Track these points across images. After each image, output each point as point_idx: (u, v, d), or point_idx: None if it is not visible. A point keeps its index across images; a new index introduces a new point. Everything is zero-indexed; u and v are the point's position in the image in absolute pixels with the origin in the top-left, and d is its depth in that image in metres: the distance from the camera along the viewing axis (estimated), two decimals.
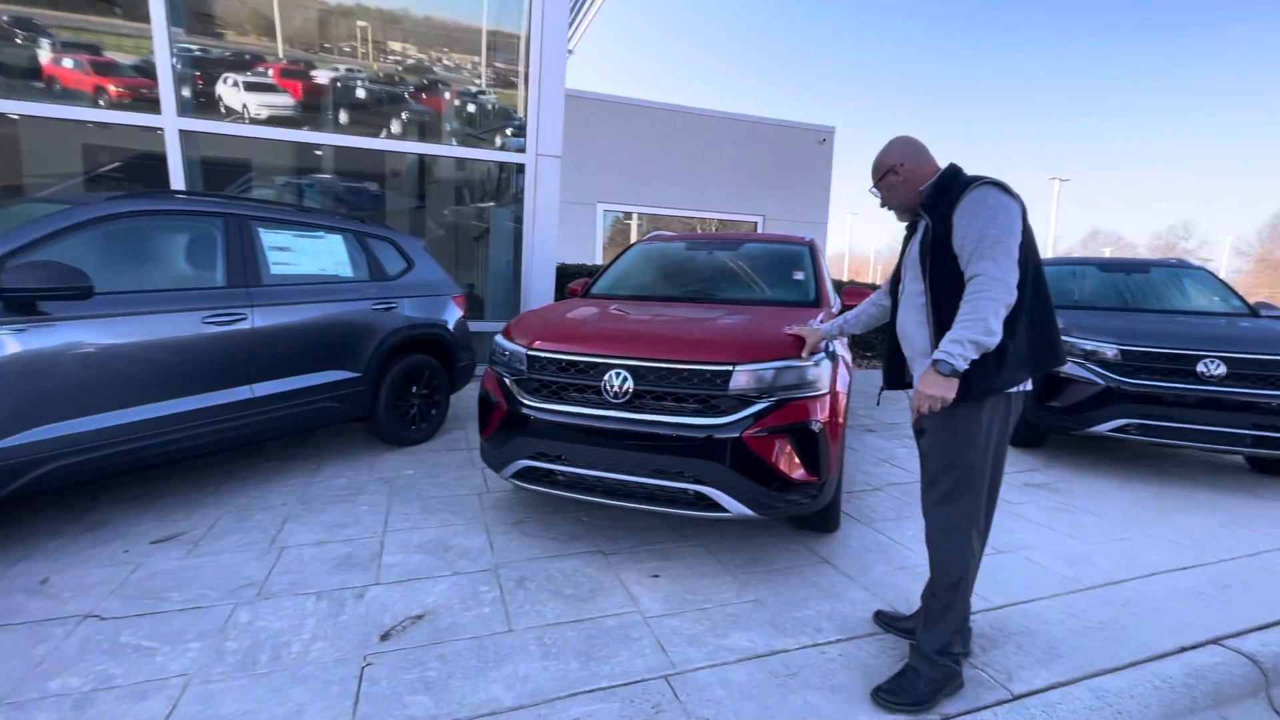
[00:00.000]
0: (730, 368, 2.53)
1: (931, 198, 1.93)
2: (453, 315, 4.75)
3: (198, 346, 3.07)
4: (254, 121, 6.19)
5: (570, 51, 12.12)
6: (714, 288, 3.89)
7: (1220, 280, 5.43)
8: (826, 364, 2.66)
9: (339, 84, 6.72)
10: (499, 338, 3.10)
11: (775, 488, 2.50)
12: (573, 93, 12.55)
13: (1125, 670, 2.06)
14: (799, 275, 3.85)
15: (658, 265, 4.27)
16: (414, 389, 4.42)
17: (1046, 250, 31.61)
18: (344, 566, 2.57)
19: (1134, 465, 4.55)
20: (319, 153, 7.25)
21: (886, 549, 2.94)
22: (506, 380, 2.90)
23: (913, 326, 1.98)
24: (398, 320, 4.20)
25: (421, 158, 7.83)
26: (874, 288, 3.11)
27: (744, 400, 2.52)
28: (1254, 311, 4.92)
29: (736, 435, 2.46)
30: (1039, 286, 1.87)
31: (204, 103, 6.04)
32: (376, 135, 6.90)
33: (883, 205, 2.12)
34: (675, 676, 1.94)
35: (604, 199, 13.33)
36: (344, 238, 4.10)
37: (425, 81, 7.32)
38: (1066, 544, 3.08)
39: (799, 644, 2.14)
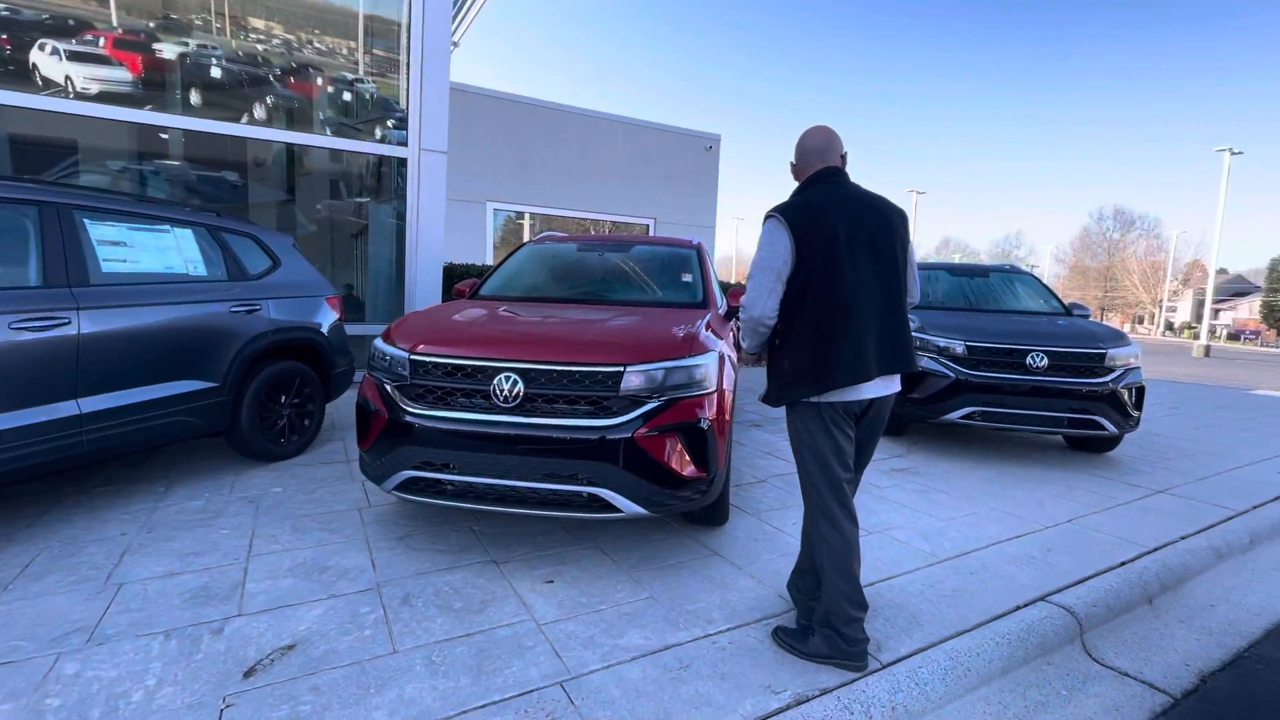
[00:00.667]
0: (621, 369, 2.55)
1: None
2: (327, 318, 4.41)
3: (2, 356, 2.62)
4: (80, 97, 5.40)
5: (455, 44, 11.69)
6: (605, 289, 3.91)
7: (1043, 284, 6.26)
8: (714, 363, 2.75)
9: (189, 60, 6.02)
10: (378, 341, 2.93)
11: (667, 485, 2.55)
12: (461, 87, 12.12)
13: (973, 631, 2.31)
14: (687, 277, 3.96)
15: (548, 266, 4.22)
16: (283, 398, 4.06)
17: None
18: (198, 599, 2.30)
19: (980, 448, 5.13)
20: (165, 136, 6.46)
21: (772, 538, 3.09)
22: (387, 387, 2.74)
23: None
24: (261, 324, 3.84)
25: (290, 147, 7.21)
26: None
27: (635, 400, 2.55)
28: (1068, 311, 5.71)
29: (629, 435, 2.48)
30: (821, 310, 2.00)
31: (13, 72, 5.19)
32: (236, 120, 6.26)
33: None
34: (571, 681, 1.92)
35: (494, 198, 12.98)
36: (195, 232, 3.68)
37: (293, 65, 6.75)
38: (925, 521, 3.41)
39: (691, 636, 2.20)
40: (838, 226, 2.02)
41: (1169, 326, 52.06)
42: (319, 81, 7.01)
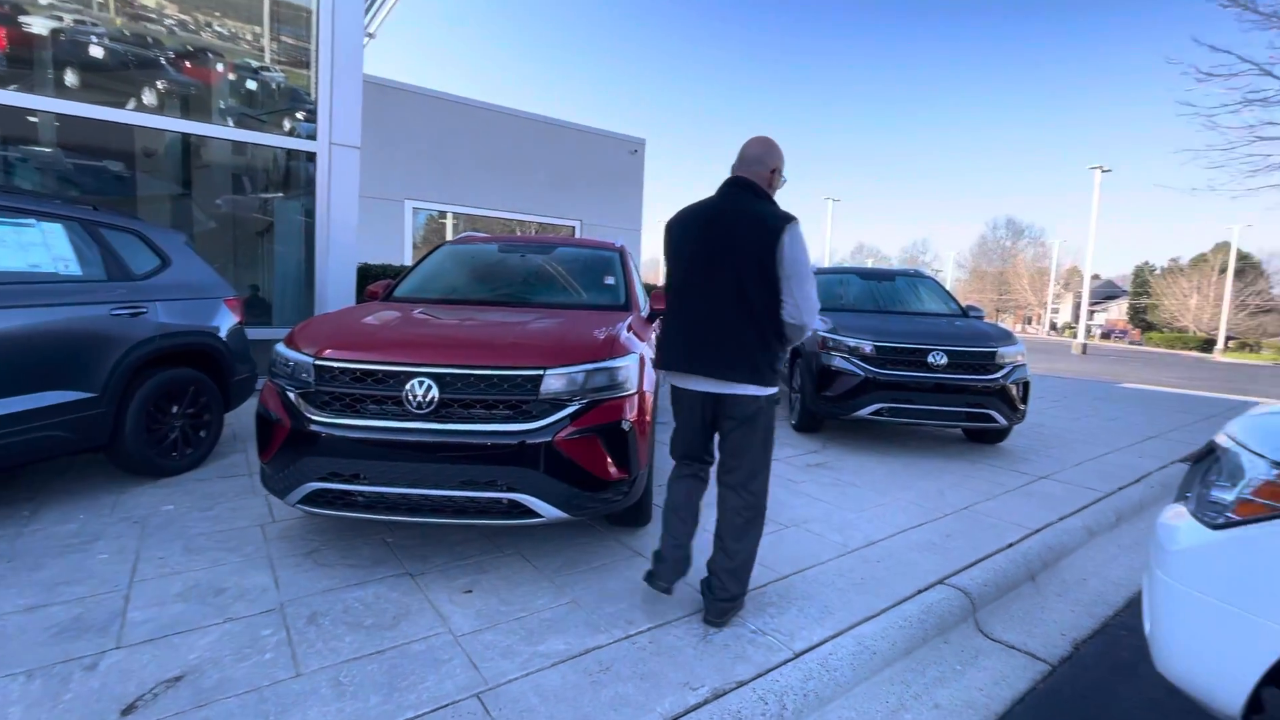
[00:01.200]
0: (541, 372, 2.53)
1: None
2: (225, 321, 4.12)
3: None
4: None
5: (371, 35, 11.20)
6: (526, 291, 3.86)
7: (942, 287, 6.72)
8: (635, 364, 2.78)
9: (64, 37, 5.46)
10: (280, 347, 2.76)
11: (589, 488, 2.55)
12: (377, 81, 11.63)
13: (879, 616, 2.45)
14: (610, 280, 3.98)
15: (468, 267, 4.12)
16: (175, 409, 3.74)
17: (823, 260, 36.54)
18: (69, 633, 2.08)
19: (889, 442, 5.44)
20: (34, 120, 5.82)
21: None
22: (290, 394, 2.59)
23: None
24: (147, 328, 3.53)
25: (185, 138, 6.67)
26: None
27: (556, 404, 2.53)
28: (964, 312, 6.15)
29: (549, 439, 2.46)
30: (669, 302, 2.42)
31: None
32: (121, 106, 5.73)
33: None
34: (488, 692, 1.88)
35: (414, 196, 12.54)
36: (66, 227, 3.33)
37: (190, 48, 6.25)
38: (838, 514, 3.58)
39: (612, 638, 2.20)
40: (692, 232, 2.32)
41: (1053, 326, 57.12)
42: (219, 68, 6.53)
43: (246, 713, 1.74)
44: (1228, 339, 37.43)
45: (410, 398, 2.46)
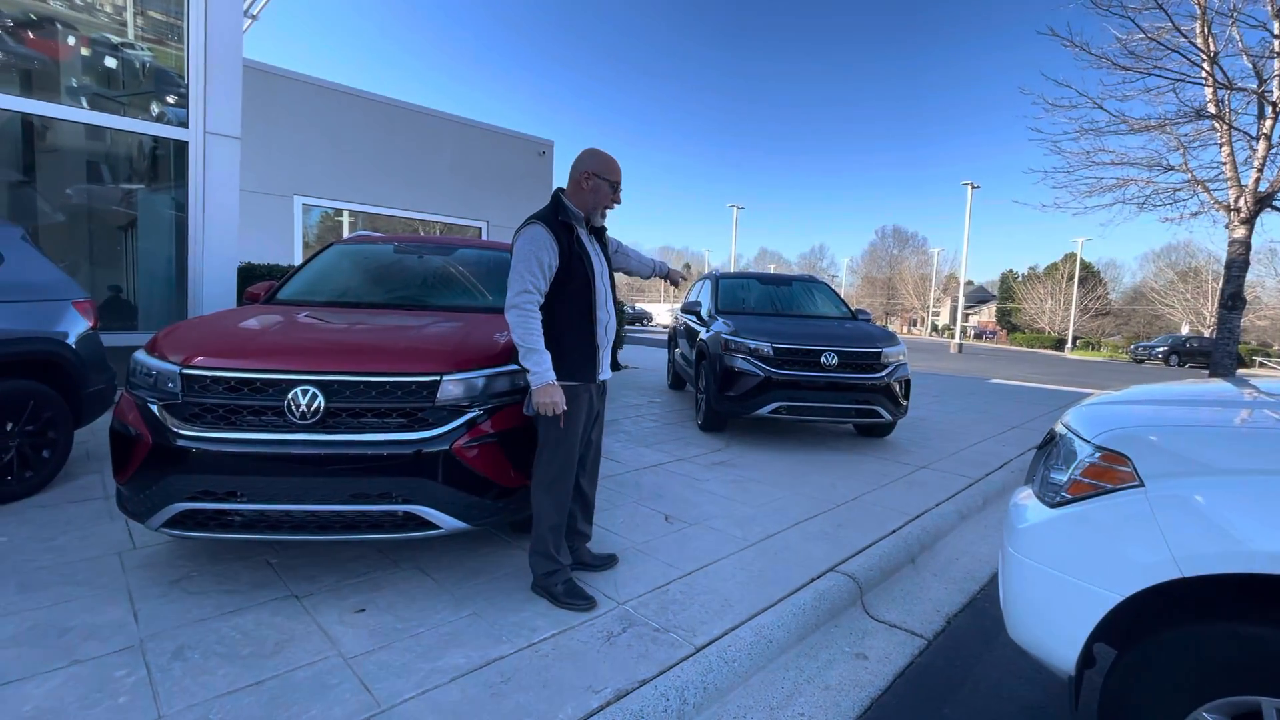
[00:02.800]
0: (438, 378, 2.45)
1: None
2: (75, 326, 3.67)
3: None
4: None
5: (253, 16, 10.37)
6: (424, 294, 3.72)
7: (834, 291, 7.16)
8: None
9: None
10: (140, 355, 2.50)
11: (490, 496, 2.50)
12: (263, 67, 10.80)
13: (776, 606, 2.57)
14: None
15: (361, 268, 3.91)
16: (9, 426, 3.29)
17: (729, 265, 37.86)
18: None
19: (786, 438, 5.71)
20: None
21: (599, 538, 3.16)
22: (153, 407, 2.35)
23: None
24: None
25: (25, 118, 5.88)
26: None
27: (455, 410, 2.46)
28: (854, 315, 6.58)
29: (447, 448, 2.39)
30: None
31: None
32: None
33: (596, 209, 2.61)
34: (380, 714, 1.79)
35: (304, 191, 11.73)
36: None
37: (32, 16, 5.52)
38: (739, 509, 3.71)
39: (515, 648, 2.17)
40: None
41: (934, 328, 62.32)
42: (70, 41, 5.81)
43: None
44: (1075, 338, 42.54)
45: (293, 407, 2.30)
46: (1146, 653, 1.51)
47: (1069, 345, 40.41)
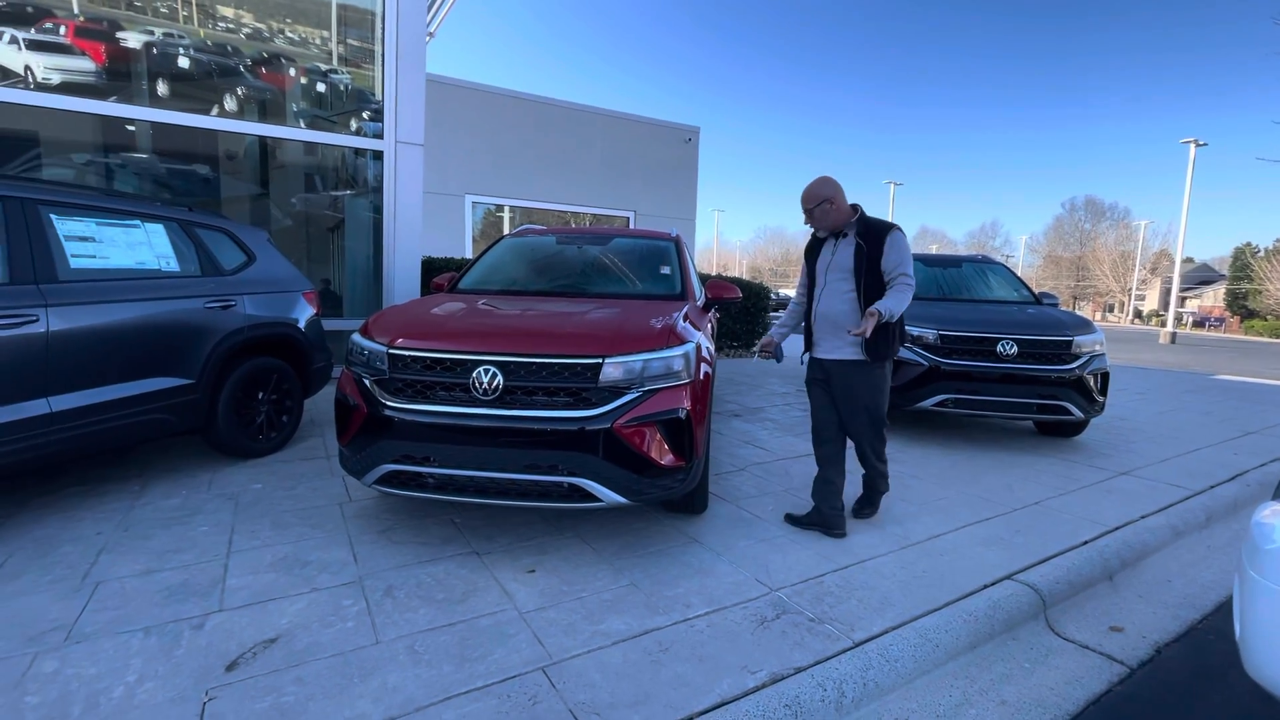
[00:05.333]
0: (600, 360, 2.59)
1: (862, 229, 2.97)
2: (304, 313, 4.38)
3: None
4: (41, 88, 5.25)
5: (431, 35, 11.54)
6: (583, 282, 3.93)
7: (1013, 273, 6.41)
8: (692, 353, 2.80)
9: (155, 50, 5.88)
10: (356, 336, 2.92)
11: (646, 475, 2.60)
12: (436, 78, 11.99)
13: (942, 610, 2.40)
14: (665, 269, 4.00)
15: (527, 259, 4.23)
16: (260, 395, 4.03)
17: None
18: (178, 596, 2.30)
19: (950, 434, 5.26)
20: (131, 129, 6.31)
21: (750, 524, 3.16)
22: (366, 381, 2.75)
23: (844, 309, 2.99)
24: (237, 319, 3.80)
25: (263, 140, 7.10)
26: (736, 281, 3.70)
27: (614, 391, 2.59)
28: (1037, 300, 5.86)
29: (608, 426, 2.52)
30: None
31: None
32: (206, 112, 6.14)
33: (812, 223, 3.07)
34: (552, 667, 1.97)
35: (472, 191, 12.89)
36: (166, 227, 3.62)
37: (265, 55, 6.62)
38: (898, 507, 3.50)
39: (670, 621, 2.25)
40: None
41: (1138, 314, 53.42)
42: (291, 73, 6.88)
43: (334, 674, 1.88)
44: None
45: (476, 384, 2.57)
46: None
47: None
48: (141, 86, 5.86)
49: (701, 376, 2.85)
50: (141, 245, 3.45)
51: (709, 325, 3.58)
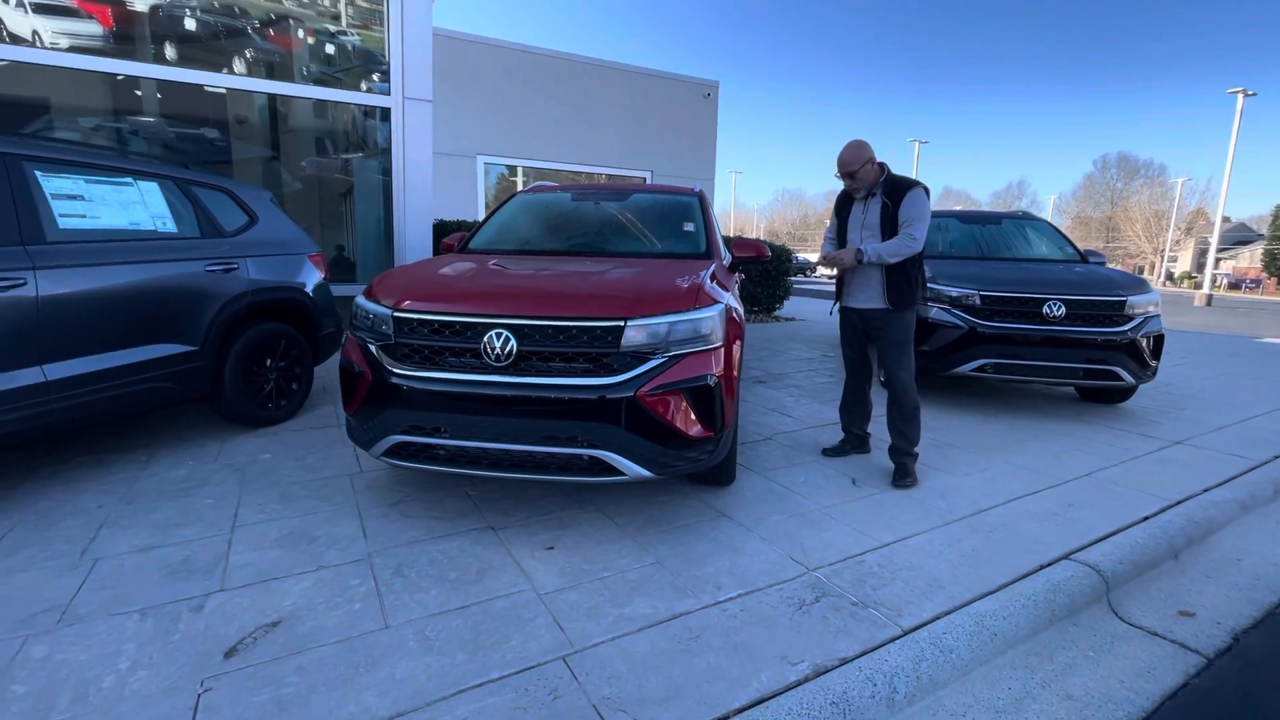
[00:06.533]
0: (622, 323, 2.37)
1: (888, 188, 3.15)
2: (311, 277, 4.20)
3: None
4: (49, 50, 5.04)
5: None
6: (602, 240, 3.68)
7: (1058, 230, 6.01)
8: (721, 315, 2.57)
9: (161, 13, 5.63)
10: (360, 299, 2.73)
11: (672, 446, 2.41)
12: (445, 33, 11.53)
13: (998, 593, 2.20)
14: (689, 226, 3.74)
15: (541, 217, 3.98)
16: (268, 362, 3.88)
17: None
18: (178, 574, 2.17)
19: (988, 400, 4.99)
20: (139, 92, 6.10)
21: (781, 497, 2.97)
22: (371, 347, 2.56)
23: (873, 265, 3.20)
24: (240, 284, 3.63)
25: (272, 103, 6.85)
26: (761, 241, 3.82)
27: (638, 357, 2.38)
28: (1084, 258, 5.49)
29: (631, 394, 2.32)
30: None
31: None
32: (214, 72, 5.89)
33: (855, 184, 3.21)
34: (573, 655, 1.81)
35: (485, 151, 12.53)
36: (162, 185, 3.43)
37: (272, 17, 6.32)
38: (938, 477, 3.28)
39: (700, 604, 2.08)
40: None
41: (1170, 276, 51.57)
42: (300, 34, 6.59)
43: (339, 663, 1.74)
44: None
45: (488, 350, 2.37)
46: None
47: None
48: (148, 49, 5.62)
49: (731, 340, 2.62)
50: (135, 205, 3.26)
51: (736, 285, 3.33)
